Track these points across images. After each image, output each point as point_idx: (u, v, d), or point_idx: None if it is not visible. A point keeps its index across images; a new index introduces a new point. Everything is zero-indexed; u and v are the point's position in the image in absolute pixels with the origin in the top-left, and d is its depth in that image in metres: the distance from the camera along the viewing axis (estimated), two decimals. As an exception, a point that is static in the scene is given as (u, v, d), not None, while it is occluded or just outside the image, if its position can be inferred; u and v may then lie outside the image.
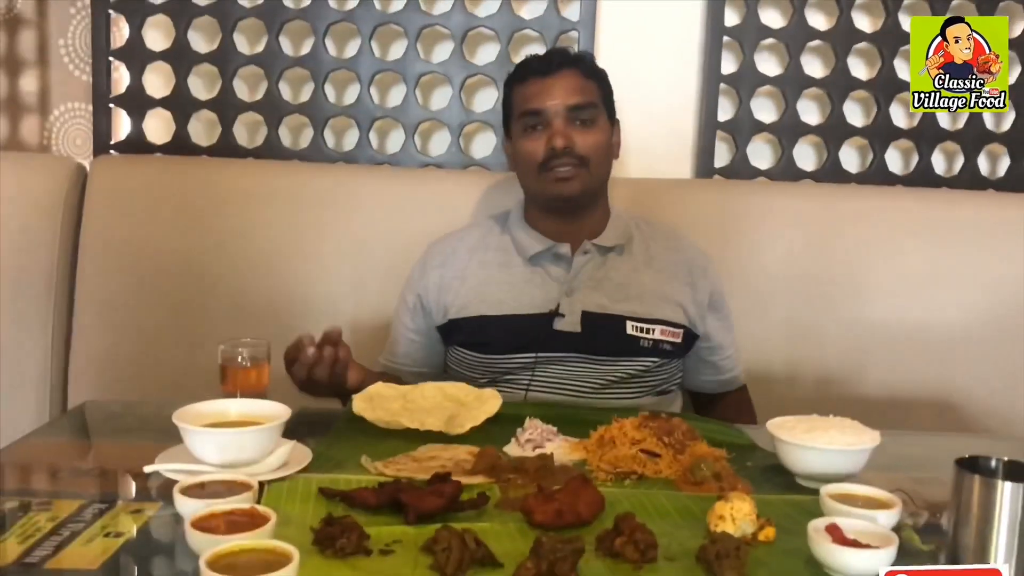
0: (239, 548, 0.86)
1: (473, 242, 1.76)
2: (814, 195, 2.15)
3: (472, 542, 0.92)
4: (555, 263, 1.69)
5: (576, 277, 1.67)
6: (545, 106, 1.63)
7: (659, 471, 1.20)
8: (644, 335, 1.65)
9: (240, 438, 1.12)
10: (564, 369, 1.63)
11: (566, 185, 1.64)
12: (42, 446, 1.33)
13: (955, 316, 2.01)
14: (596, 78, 1.70)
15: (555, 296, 1.65)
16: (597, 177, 1.67)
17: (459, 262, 1.73)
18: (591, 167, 1.65)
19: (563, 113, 1.63)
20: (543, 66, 1.67)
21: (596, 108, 1.66)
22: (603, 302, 1.65)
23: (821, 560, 0.93)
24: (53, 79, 2.24)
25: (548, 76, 1.65)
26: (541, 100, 1.64)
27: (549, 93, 1.64)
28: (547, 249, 1.69)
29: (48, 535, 0.96)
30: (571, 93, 1.64)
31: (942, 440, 1.00)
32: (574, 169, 1.63)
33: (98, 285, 1.98)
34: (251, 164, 2.17)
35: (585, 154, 1.63)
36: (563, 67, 1.66)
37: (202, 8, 2.16)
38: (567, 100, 1.63)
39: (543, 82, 1.65)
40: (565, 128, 1.63)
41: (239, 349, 1.34)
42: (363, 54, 2.17)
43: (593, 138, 1.64)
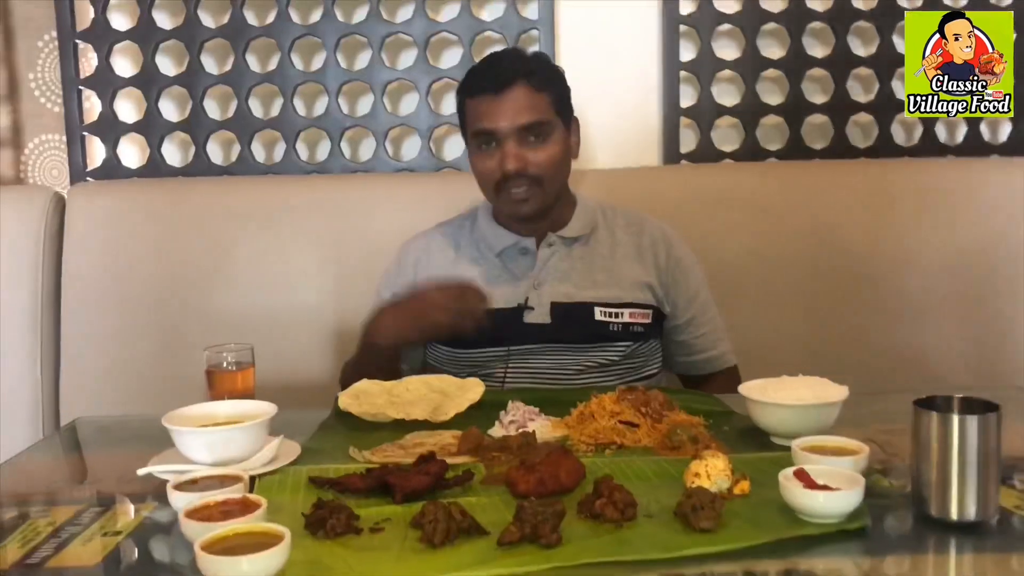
0: (232, 532, 0.89)
1: (444, 240, 1.79)
2: (780, 174, 2.20)
3: (458, 513, 0.95)
4: (522, 257, 1.72)
5: (543, 269, 1.70)
6: (496, 127, 1.61)
7: (638, 440, 1.24)
8: (613, 319, 1.68)
9: (228, 436, 1.15)
10: (537, 360, 1.66)
11: (523, 206, 1.66)
12: (38, 461, 1.36)
13: (921, 282, 2.05)
14: (548, 87, 1.66)
15: (523, 290, 1.69)
16: (553, 191, 1.67)
17: (432, 261, 1.76)
18: (545, 184, 1.65)
19: (514, 134, 1.61)
20: (492, 83, 1.63)
21: (548, 124, 1.64)
22: (570, 291, 1.69)
23: (792, 505, 0.97)
24: (25, 112, 2.27)
25: (498, 94, 1.62)
26: (492, 120, 1.62)
27: (499, 113, 1.61)
28: (513, 244, 1.72)
29: (48, 537, 0.99)
30: (521, 112, 1.61)
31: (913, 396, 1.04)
32: (529, 190, 1.64)
33: (83, 310, 2.01)
34: (226, 181, 2.21)
35: (538, 173, 1.63)
36: (513, 82, 1.62)
37: (168, 32, 2.20)
38: (517, 120, 1.61)
39: (492, 101, 1.62)
40: (517, 149, 1.61)
41: (224, 354, 1.37)
42: (329, 66, 2.21)
43: (546, 154, 1.63)
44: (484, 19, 2.21)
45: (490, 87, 1.63)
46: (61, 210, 2.06)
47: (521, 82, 1.62)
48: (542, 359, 1.66)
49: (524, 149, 1.62)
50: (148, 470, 1.14)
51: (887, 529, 1.00)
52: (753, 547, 0.92)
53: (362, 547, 0.94)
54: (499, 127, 1.62)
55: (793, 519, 0.97)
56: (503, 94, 1.61)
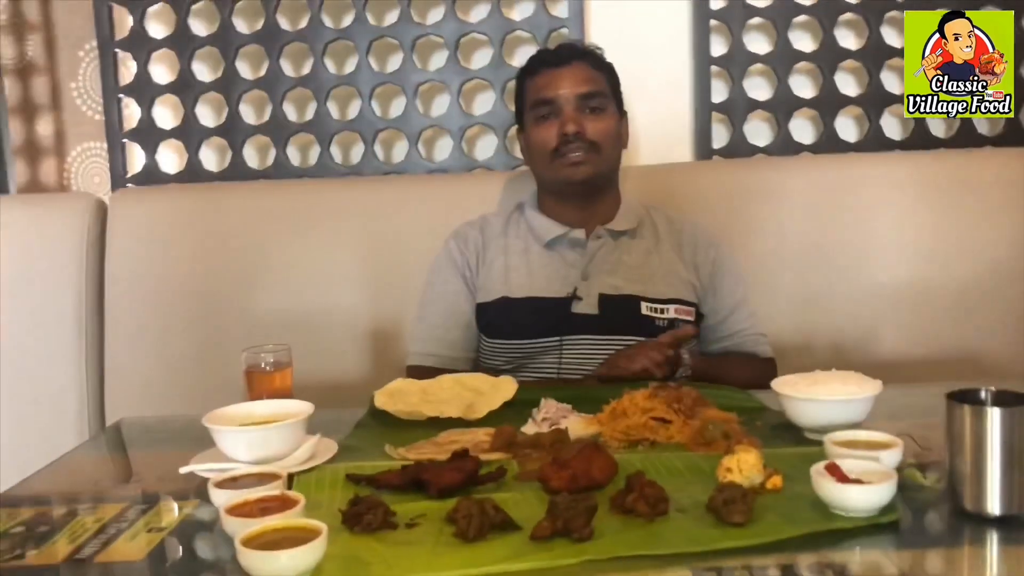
0: (271, 528, 0.91)
1: (494, 229, 1.82)
2: (813, 167, 2.19)
3: (491, 509, 0.96)
4: (571, 248, 1.75)
5: (591, 261, 1.74)
6: (557, 95, 1.71)
7: (670, 436, 1.24)
8: (658, 315, 1.70)
9: (267, 434, 1.17)
10: (587, 350, 1.68)
11: (578, 170, 1.71)
12: (84, 460, 1.41)
13: (961, 274, 2.03)
14: (605, 71, 1.77)
15: (572, 280, 1.72)
16: (607, 162, 1.74)
17: (483, 248, 1.80)
18: (602, 152, 1.72)
19: (574, 101, 1.70)
20: (554, 58, 1.75)
21: (606, 97, 1.74)
22: (618, 284, 1.71)
23: (824, 499, 0.97)
24: (67, 121, 2.34)
25: (559, 67, 1.73)
26: (553, 89, 1.72)
27: (560, 83, 1.71)
28: (563, 234, 1.75)
29: (95, 534, 1.02)
30: (581, 82, 1.71)
31: (946, 389, 1.03)
32: (585, 154, 1.70)
33: (126, 313, 2.05)
34: (262, 185, 2.25)
35: (596, 139, 1.70)
36: (573, 59, 1.74)
37: (203, 39, 2.24)
38: (577, 89, 1.71)
39: (554, 72, 1.73)
40: (576, 115, 1.70)
41: (262, 355, 1.39)
42: (362, 69, 2.24)
43: (603, 124, 1.72)
44: (514, 19, 2.23)
45: (551, 61, 1.74)
46: (103, 216, 2.11)
47: (582, 60, 1.74)
48: (591, 349, 1.67)
49: (582, 116, 1.71)
50: (190, 468, 1.17)
51: (921, 523, 1.00)
52: (785, 541, 0.93)
53: (398, 542, 0.96)
54: (559, 94, 1.71)
55: (825, 513, 0.97)
56: (564, 67, 1.73)
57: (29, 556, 0.98)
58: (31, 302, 2.02)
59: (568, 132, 1.69)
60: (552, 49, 1.83)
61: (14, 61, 2.32)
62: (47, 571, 0.96)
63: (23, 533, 1.04)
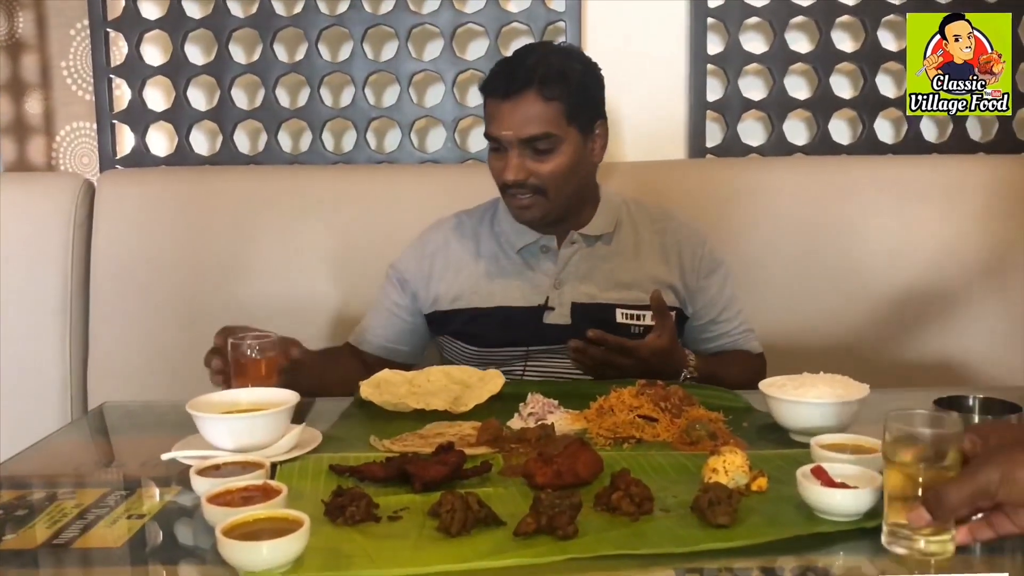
0: (253, 518, 0.91)
1: (466, 231, 1.77)
2: (807, 169, 2.19)
3: (475, 503, 0.96)
4: (543, 256, 1.70)
5: (564, 269, 1.69)
6: (500, 135, 1.59)
7: (656, 435, 1.24)
8: (634, 322, 1.65)
9: (251, 422, 1.16)
10: (557, 361, 1.65)
11: (525, 212, 1.64)
12: (65, 444, 1.39)
13: (951, 278, 2.04)
14: (560, 96, 1.59)
15: (544, 289, 1.67)
16: (559, 200, 1.63)
17: (452, 253, 1.75)
18: (550, 194, 1.61)
19: (517, 144, 1.58)
20: (503, 85, 1.59)
21: (554, 137, 1.58)
22: (592, 291, 1.67)
23: (810, 503, 0.97)
24: (57, 100, 2.31)
25: (506, 100, 1.58)
26: (497, 127, 1.60)
27: (505, 121, 1.59)
28: (534, 242, 1.70)
29: (74, 519, 1.01)
30: (526, 123, 1.57)
31: (934, 393, 1.04)
32: (532, 198, 1.62)
33: (111, 295, 2.04)
34: (253, 170, 2.23)
35: (541, 184, 1.60)
36: (522, 90, 1.57)
37: (197, 21, 2.22)
38: (521, 132, 1.58)
39: (501, 106, 1.59)
40: (519, 159, 1.59)
41: (248, 342, 1.38)
42: (356, 56, 2.22)
43: (552, 166, 1.60)
44: (510, 10, 2.22)
45: (501, 91, 1.60)
46: (91, 197, 2.09)
47: (531, 91, 1.57)
48: (561, 360, 1.63)
49: (527, 159, 1.59)
50: (172, 455, 1.16)
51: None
52: (769, 543, 0.92)
53: (380, 535, 0.95)
54: (503, 136, 1.59)
55: (810, 516, 0.97)
56: (511, 101, 1.58)
57: (6, 540, 0.97)
58: (16, 282, 2.00)
59: (508, 180, 1.60)
60: (508, 67, 1.63)
61: (4, 38, 2.29)
62: (25, 556, 0.95)
63: (1, 516, 1.03)
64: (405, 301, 1.76)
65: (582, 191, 1.70)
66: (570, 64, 1.63)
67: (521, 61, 1.63)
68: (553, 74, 1.59)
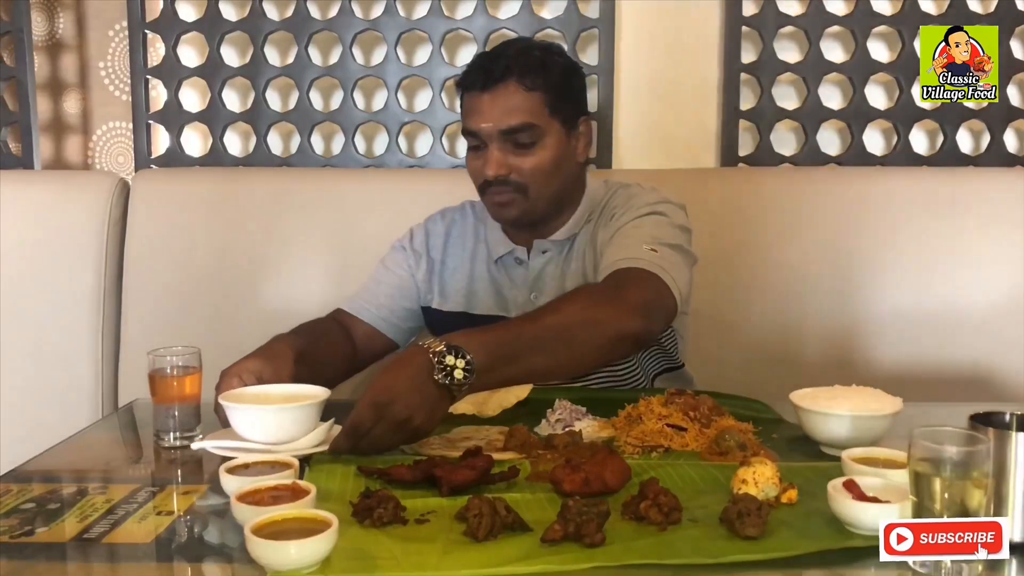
0: (282, 517, 0.91)
1: (463, 230, 1.73)
2: (840, 179, 2.17)
3: (503, 509, 0.96)
4: (518, 267, 1.65)
5: (539, 278, 1.63)
6: (480, 128, 1.52)
7: (685, 444, 1.23)
8: None
9: (281, 415, 1.18)
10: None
11: (504, 210, 1.57)
12: (96, 440, 1.41)
13: (985, 294, 2.01)
14: (542, 87, 1.53)
15: (521, 303, 1.61)
16: (540, 199, 1.56)
17: (450, 250, 1.71)
18: (530, 192, 1.54)
19: (498, 136, 1.51)
20: (482, 77, 1.53)
21: (536, 128, 1.52)
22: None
23: (840, 516, 0.96)
24: (94, 100, 2.34)
25: (485, 91, 1.52)
26: (477, 120, 1.53)
27: (484, 113, 1.52)
28: (508, 253, 1.65)
29: (104, 514, 1.02)
30: (506, 114, 1.51)
31: (967, 408, 1.02)
32: (511, 195, 1.55)
33: (144, 293, 2.06)
34: (285, 172, 2.25)
35: (522, 181, 1.53)
36: (502, 79, 1.51)
37: (233, 24, 2.24)
38: (501, 122, 1.51)
39: (479, 98, 1.53)
40: (500, 154, 1.52)
41: (168, 358, 1.31)
42: (389, 61, 2.23)
43: (533, 161, 1.53)
44: (544, 16, 2.22)
45: (479, 83, 1.53)
46: (126, 196, 2.11)
47: (512, 80, 1.51)
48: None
49: (508, 154, 1.52)
50: (201, 445, 1.18)
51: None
52: (798, 556, 0.91)
53: (407, 537, 0.95)
54: (482, 128, 1.52)
55: (840, 530, 0.96)
56: (491, 92, 1.51)
57: (38, 533, 0.98)
58: (51, 278, 2.03)
59: (489, 176, 1.52)
60: (487, 60, 1.57)
61: (44, 38, 2.33)
62: (55, 549, 0.96)
63: (33, 510, 1.04)
64: (419, 273, 1.71)
65: (563, 192, 1.61)
66: (551, 57, 1.59)
67: (500, 53, 1.58)
68: (534, 64, 1.54)
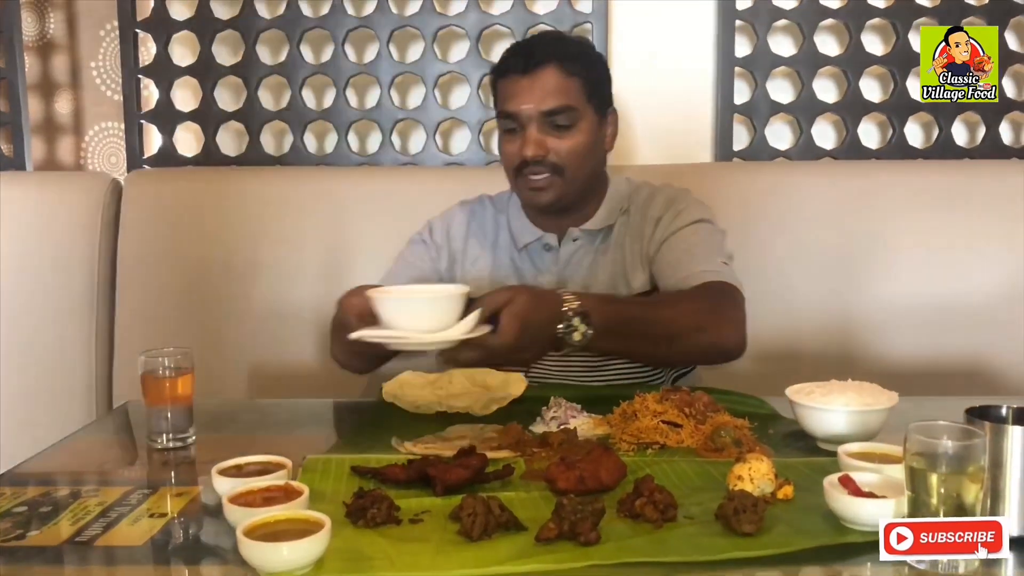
0: (274, 519, 0.91)
1: (483, 220, 1.74)
2: (835, 173, 2.17)
3: (497, 508, 0.95)
4: (546, 254, 1.67)
5: (567, 266, 1.65)
6: (520, 109, 1.56)
7: (681, 441, 1.23)
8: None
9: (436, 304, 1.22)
10: (559, 360, 1.58)
11: (540, 194, 1.59)
12: (89, 441, 1.40)
13: (980, 285, 2.01)
14: (580, 72, 1.58)
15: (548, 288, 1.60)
16: (575, 182, 1.60)
17: (473, 240, 1.72)
18: (567, 174, 1.58)
19: (537, 118, 1.55)
20: (522, 62, 1.57)
21: (574, 111, 1.56)
22: (593, 287, 1.62)
23: (836, 512, 0.95)
24: (86, 100, 2.34)
25: (525, 75, 1.56)
26: (516, 102, 1.56)
27: (525, 95, 1.56)
28: (536, 240, 1.67)
29: (97, 517, 1.01)
30: (547, 96, 1.55)
31: (964, 402, 1.01)
32: (548, 178, 1.57)
33: (137, 294, 2.05)
34: (279, 171, 2.24)
35: (559, 162, 1.57)
36: (542, 64, 1.56)
37: (225, 22, 2.23)
38: (542, 104, 1.55)
39: (520, 82, 1.56)
40: (539, 135, 1.55)
41: (160, 359, 1.29)
42: (382, 58, 2.23)
43: (570, 144, 1.57)
44: (537, 12, 2.21)
45: (519, 67, 1.57)
46: (118, 196, 2.10)
47: (552, 64, 1.56)
48: (566, 360, 1.58)
49: (547, 135, 1.56)
50: (360, 334, 1.21)
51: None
52: (795, 553, 0.91)
53: (401, 538, 0.95)
54: (522, 110, 1.56)
55: (837, 526, 0.95)
56: (531, 75, 1.56)
57: (31, 536, 0.98)
58: (44, 280, 2.02)
59: (528, 156, 1.55)
60: (524, 47, 1.63)
61: (35, 39, 2.32)
62: (48, 552, 0.95)
63: (26, 513, 1.04)
64: (440, 266, 1.71)
65: (592, 179, 1.65)
66: (586, 47, 1.68)
67: (539, 40, 1.68)
68: (573, 51, 1.61)
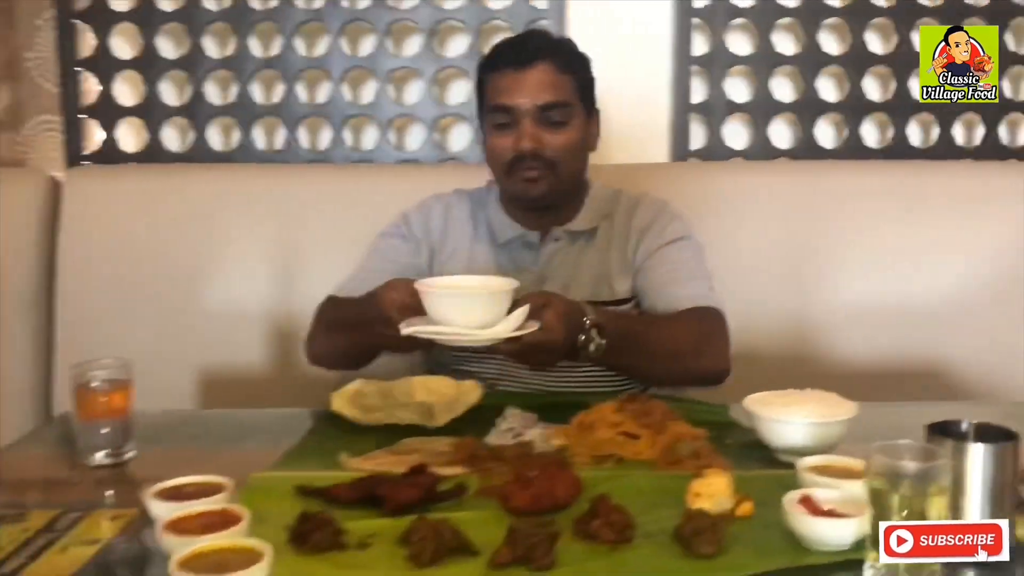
0: (210, 548, 0.86)
1: (460, 213, 1.71)
2: (791, 173, 2.16)
3: (448, 532, 0.92)
4: (526, 251, 1.66)
5: (547, 265, 1.64)
6: (515, 103, 1.55)
7: (638, 452, 1.20)
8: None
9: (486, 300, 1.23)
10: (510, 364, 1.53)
11: (532, 187, 1.58)
12: (19, 457, 1.32)
13: (936, 286, 2.01)
14: (572, 70, 1.60)
15: (525, 287, 1.53)
16: (566, 178, 1.61)
17: (451, 233, 1.69)
18: (559, 169, 1.58)
19: (533, 112, 1.55)
20: (517, 56, 1.58)
21: (569, 107, 1.58)
22: (572, 288, 1.59)
23: (796, 533, 0.93)
24: (23, 92, 2.23)
25: (520, 69, 1.56)
26: (511, 96, 1.56)
27: (520, 89, 1.56)
28: (518, 237, 1.65)
29: (21, 547, 0.95)
30: (543, 90, 1.56)
31: (923, 408, 1.01)
32: (541, 171, 1.57)
33: (77, 297, 1.97)
34: (226, 168, 2.17)
35: (553, 157, 1.57)
36: (537, 59, 1.56)
37: (169, 14, 2.15)
38: (537, 99, 1.55)
39: (514, 76, 1.56)
40: (534, 129, 1.56)
41: (94, 371, 1.23)
42: (333, 52, 2.17)
43: (563, 139, 1.57)
44: (492, 7, 2.16)
45: (513, 62, 1.57)
46: (57, 194, 2.02)
47: (546, 60, 1.57)
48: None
49: (542, 130, 1.56)
50: (410, 330, 1.21)
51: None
52: (755, 575, 0.88)
53: (347, 564, 0.91)
54: (518, 104, 1.55)
55: (798, 545, 0.93)
56: (526, 70, 1.56)
57: (-56, 571, 0.92)
58: (-24, 282, 1.93)
59: (524, 150, 1.55)
60: (517, 42, 1.65)
61: (-33, 28, 2.21)
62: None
63: (-60, 543, 0.97)
64: (420, 260, 1.67)
65: (580, 177, 1.67)
66: (575, 46, 1.68)
67: (531, 36, 1.70)
68: (565, 49, 1.64)
